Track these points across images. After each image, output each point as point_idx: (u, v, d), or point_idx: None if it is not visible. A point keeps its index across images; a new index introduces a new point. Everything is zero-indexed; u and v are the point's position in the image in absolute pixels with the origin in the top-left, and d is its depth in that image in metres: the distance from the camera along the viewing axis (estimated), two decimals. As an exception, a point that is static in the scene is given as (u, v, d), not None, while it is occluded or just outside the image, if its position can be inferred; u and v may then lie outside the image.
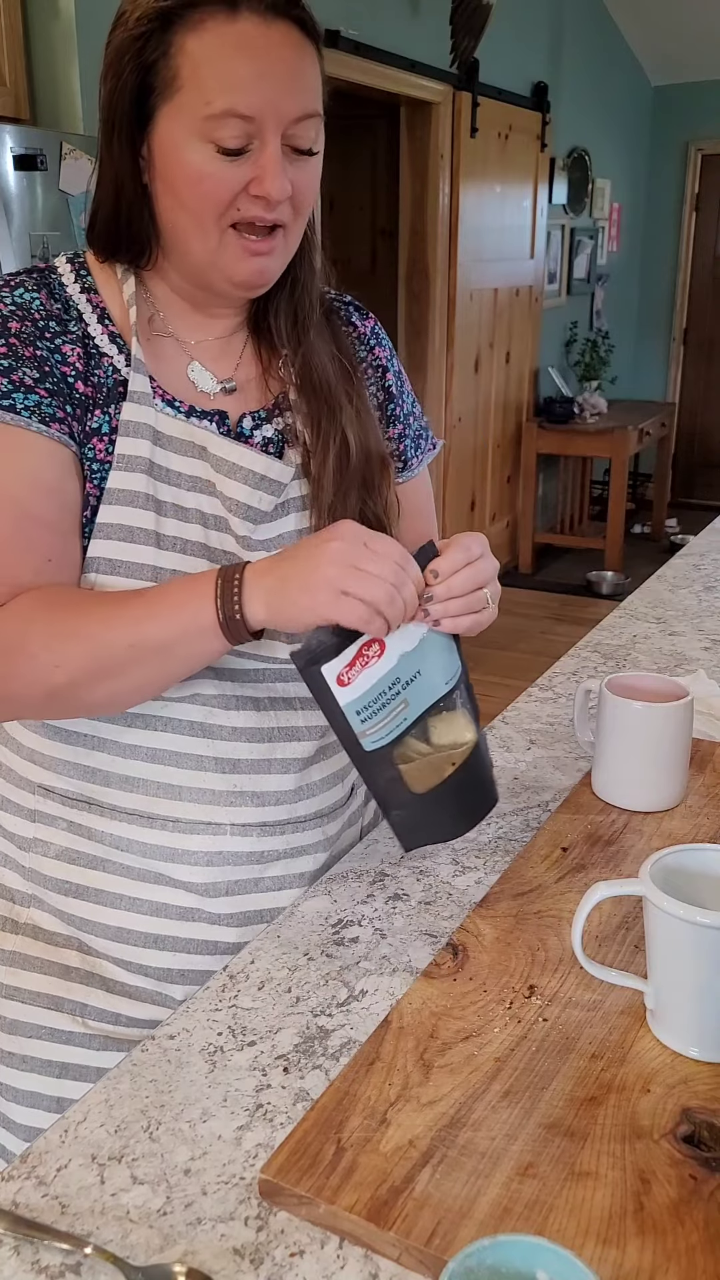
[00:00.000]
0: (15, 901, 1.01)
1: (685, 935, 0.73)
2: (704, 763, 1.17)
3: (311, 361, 0.99)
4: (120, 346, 0.92)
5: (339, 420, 0.98)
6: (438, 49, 4.28)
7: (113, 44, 0.86)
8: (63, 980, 0.98)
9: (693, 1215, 0.62)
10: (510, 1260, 0.51)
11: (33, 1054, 0.98)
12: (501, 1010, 0.79)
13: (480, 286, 4.96)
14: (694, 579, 1.97)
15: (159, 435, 0.92)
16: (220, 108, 0.83)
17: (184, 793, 0.95)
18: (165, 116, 0.85)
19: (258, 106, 0.83)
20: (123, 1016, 0.98)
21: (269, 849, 0.98)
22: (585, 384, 6.02)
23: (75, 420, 0.90)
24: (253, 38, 0.83)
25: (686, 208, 6.84)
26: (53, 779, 0.98)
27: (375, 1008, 0.82)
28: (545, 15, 5.16)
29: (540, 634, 4.78)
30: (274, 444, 0.99)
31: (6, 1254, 0.63)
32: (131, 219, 0.91)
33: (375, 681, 0.83)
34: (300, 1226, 0.64)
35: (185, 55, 0.83)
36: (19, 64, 2.60)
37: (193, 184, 0.86)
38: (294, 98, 0.85)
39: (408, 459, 1.12)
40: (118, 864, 0.97)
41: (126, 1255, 0.62)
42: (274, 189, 0.85)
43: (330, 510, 0.98)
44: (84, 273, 0.94)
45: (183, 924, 0.97)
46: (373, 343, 1.10)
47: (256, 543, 0.96)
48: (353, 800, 1.09)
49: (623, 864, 0.99)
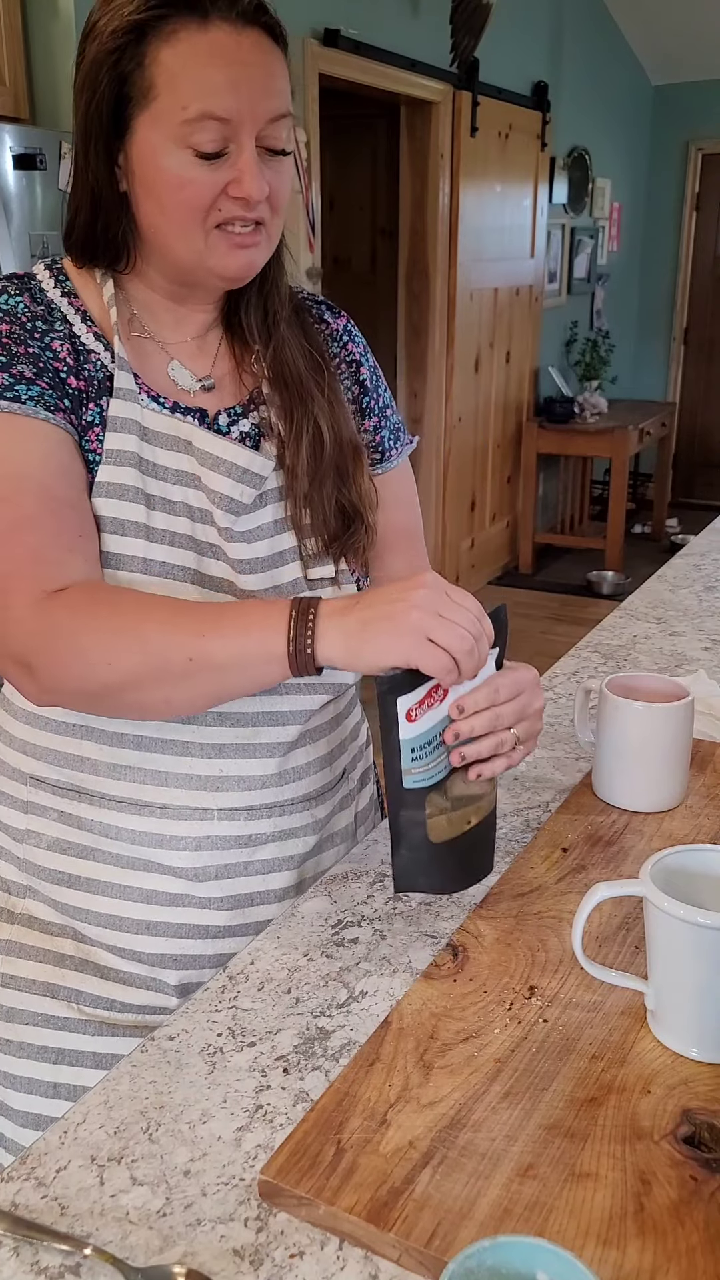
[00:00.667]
0: (11, 892, 1.02)
1: (685, 936, 0.72)
2: (704, 763, 1.17)
3: (282, 355, 1.02)
4: (106, 345, 0.95)
5: (311, 410, 1.00)
6: (438, 48, 4.28)
7: (88, 57, 0.89)
8: (57, 968, 1.00)
9: (693, 1216, 0.62)
10: (510, 1261, 0.51)
11: (29, 1040, 0.99)
12: (502, 1011, 0.79)
13: (480, 286, 4.96)
14: (694, 579, 1.97)
15: (145, 430, 0.95)
16: (196, 111, 0.85)
17: (170, 779, 0.96)
18: (143, 125, 0.88)
19: (233, 109, 0.86)
20: (117, 1002, 0.99)
21: (256, 832, 0.99)
22: (585, 384, 6.02)
23: (72, 413, 0.92)
24: (224, 45, 0.86)
25: (687, 207, 6.84)
26: (43, 769, 0.99)
27: (375, 1009, 0.82)
28: (545, 15, 5.16)
29: (540, 634, 4.78)
30: (250, 438, 1.01)
31: (6, 1255, 0.63)
32: (109, 225, 0.93)
33: (431, 725, 0.84)
34: (300, 1228, 0.64)
35: (160, 65, 0.86)
36: (19, 64, 2.60)
37: (173, 190, 0.88)
38: (267, 100, 0.88)
39: (386, 450, 1.13)
40: (108, 852, 0.98)
41: (126, 1256, 0.62)
42: (253, 189, 0.88)
43: (306, 499, 1.00)
44: (63, 278, 0.97)
45: (173, 909, 0.98)
46: (345, 339, 1.12)
47: (237, 534, 0.97)
48: (343, 785, 1.10)
49: (623, 864, 0.99)
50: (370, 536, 1.05)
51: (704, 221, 6.86)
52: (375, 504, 1.06)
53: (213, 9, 0.85)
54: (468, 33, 4.34)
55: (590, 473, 6.56)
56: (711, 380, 7.08)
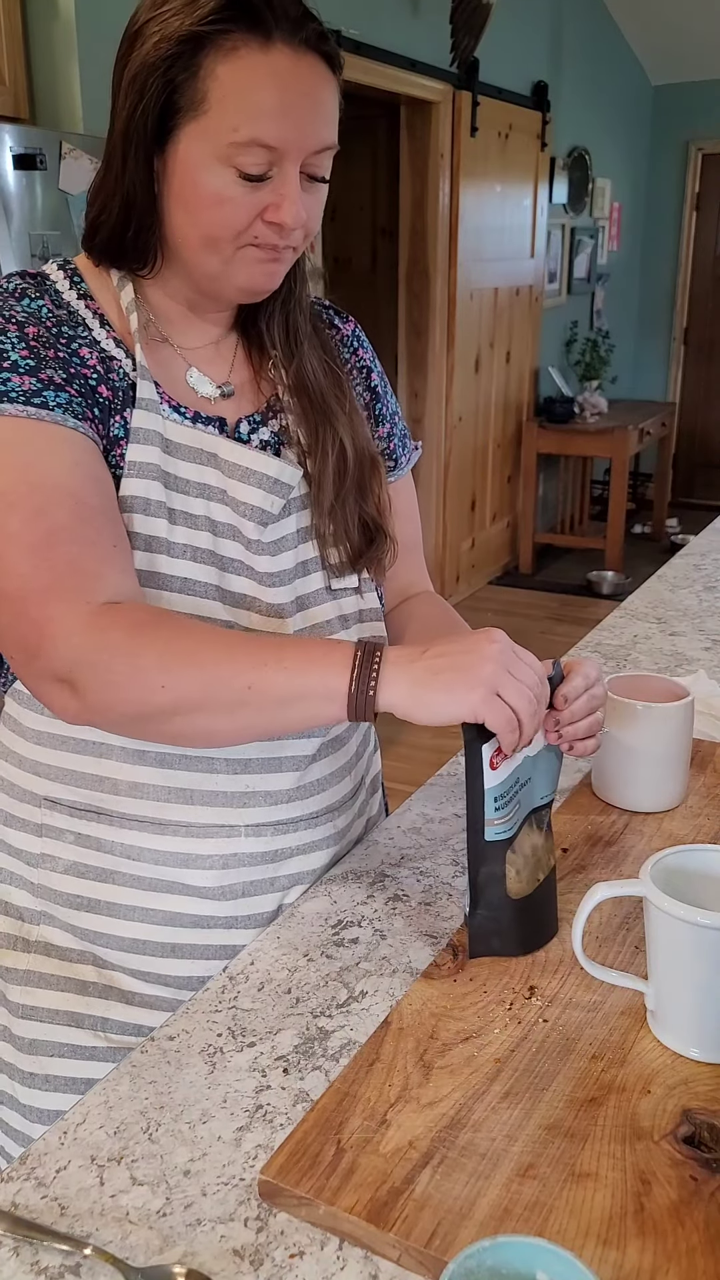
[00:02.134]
0: (25, 920, 1.00)
1: (685, 936, 0.72)
2: (704, 763, 1.17)
3: (304, 370, 1.01)
4: (126, 352, 0.93)
5: (335, 426, 1.00)
6: (438, 48, 4.28)
7: (136, 59, 0.86)
8: (80, 996, 0.97)
9: (693, 1216, 0.62)
10: (510, 1261, 0.51)
11: (55, 1072, 0.97)
12: (501, 1011, 0.79)
13: (480, 286, 4.95)
14: (694, 579, 1.97)
15: (168, 442, 0.93)
16: (246, 136, 0.84)
17: (195, 796, 0.94)
18: (188, 136, 0.85)
19: (282, 138, 0.84)
20: (144, 1028, 0.97)
21: (283, 847, 0.98)
22: (585, 384, 6.01)
23: (100, 423, 0.90)
24: (283, 70, 0.84)
25: (687, 207, 6.83)
26: (59, 790, 0.96)
27: (375, 1009, 0.82)
28: (545, 15, 5.15)
29: (540, 634, 4.78)
30: (271, 446, 0.99)
31: (6, 1255, 0.63)
32: (140, 230, 0.91)
33: (508, 775, 0.84)
34: (300, 1228, 0.64)
35: (215, 80, 0.83)
36: (19, 64, 2.60)
37: (210, 206, 0.87)
38: (316, 131, 0.87)
39: (397, 457, 1.13)
40: (129, 874, 0.95)
41: (126, 1256, 0.62)
42: (291, 217, 0.87)
43: (330, 512, 0.99)
44: (78, 279, 0.94)
45: (198, 931, 0.96)
46: (355, 344, 1.11)
47: (264, 545, 0.96)
48: (360, 792, 1.09)
49: (623, 865, 0.99)
50: (393, 547, 1.04)
51: (704, 221, 6.86)
52: (391, 515, 1.05)
53: (276, 31, 0.83)
54: (468, 33, 4.34)
55: (590, 473, 6.56)
56: (711, 380, 7.07)
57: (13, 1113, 0.99)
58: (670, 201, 6.87)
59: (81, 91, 2.66)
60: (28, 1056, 0.98)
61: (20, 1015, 0.98)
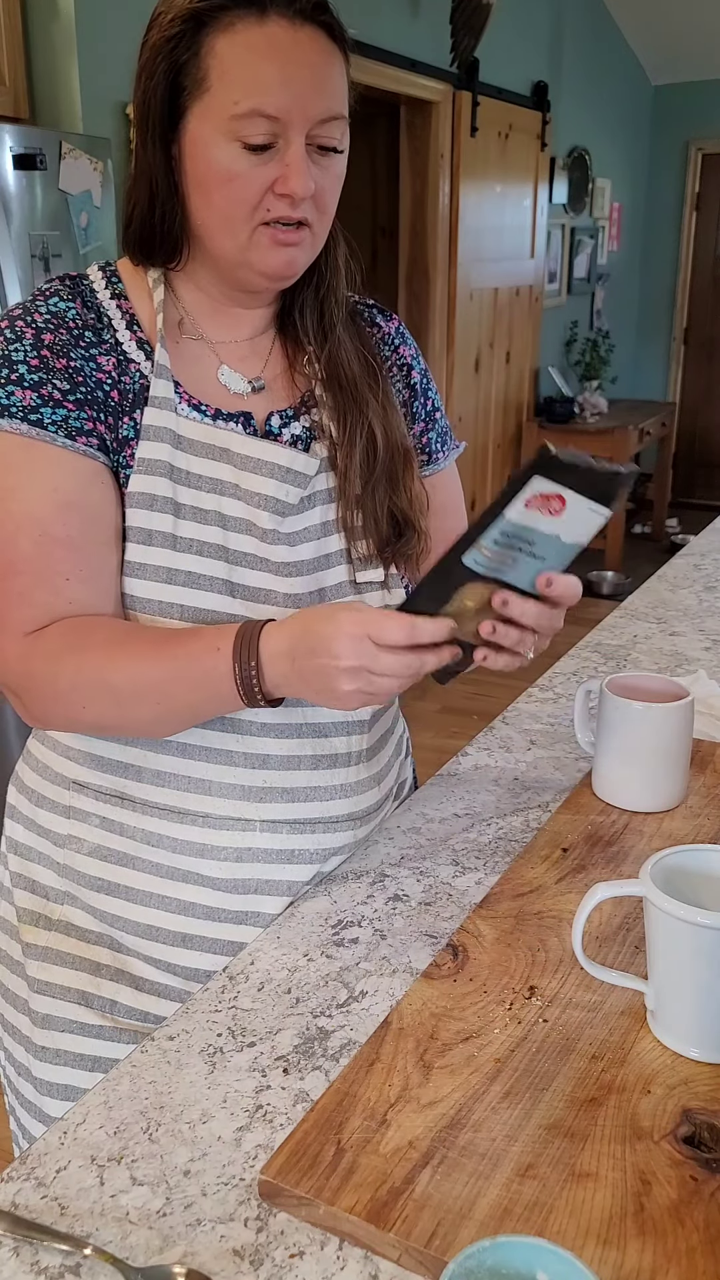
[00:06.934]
0: (50, 899, 1.02)
1: (685, 936, 0.72)
2: (704, 763, 1.17)
3: (337, 357, 1.01)
4: (147, 353, 0.94)
5: (365, 414, 1.00)
6: (438, 48, 4.28)
7: (148, 44, 0.88)
8: (92, 976, 1.00)
9: (693, 1216, 0.62)
10: (510, 1261, 0.51)
11: (65, 1048, 0.99)
12: (502, 1011, 0.79)
13: (480, 286, 4.95)
14: (694, 579, 1.97)
15: (180, 439, 0.93)
16: (246, 107, 0.85)
17: (214, 787, 0.96)
18: (195, 116, 0.87)
19: (283, 107, 0.85)
20: (150, 1015, 0.99)
21: (298, 848, 0.99)
22: (585, 384, 6.01)
23: (107, 429, 0.91)
24: (280, 41, 0.85)
25: (687, 207, 6.83)
26: (86, 774, 0.99)
27: (375, 1009, 0.82)
28: (545, 15, 5.15)
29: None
30: (302, 440, 1.00)
31: (6, 1255, 0.63)
32: (165, 216, 0.93)
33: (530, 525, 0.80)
34: (300, 1228, 0.64)
35: (215, 56, 0.85)
36: (19, 64, 2.59)
37: (221, 183, 0.88)
38: (318, 100, 0.87)
39: (434, 453, 1.13)
40: (148, 860, 0.98)
41: (126, 1256, 0.62)
42: (298, 186, 0.87)
43: (358, 502, 0.99)
44: (114, 279, 0.96)
45: (209, 924, 0.98)
46: (397, 342, 1.11)
47: (282, 535, 0.96)
48: (386, 805, 1.09)
49: (623, 865, 0.99)
50: (424, 542, 1.04)
51: (704, 221, 6.86)
52: (426, 509, 1.05)
53: (271, 4, 0.85)
54: (468, 33, 4.33)
55: (590, 473, 6.54)
56: (711, 380, 7.07)
57: (28, 1084, 1.02)
58: (670, 201, 6.87)
59: (81, 91, 2.65)
60: (41, 1030, 1.00)
61: (36, 990, 1.01)
